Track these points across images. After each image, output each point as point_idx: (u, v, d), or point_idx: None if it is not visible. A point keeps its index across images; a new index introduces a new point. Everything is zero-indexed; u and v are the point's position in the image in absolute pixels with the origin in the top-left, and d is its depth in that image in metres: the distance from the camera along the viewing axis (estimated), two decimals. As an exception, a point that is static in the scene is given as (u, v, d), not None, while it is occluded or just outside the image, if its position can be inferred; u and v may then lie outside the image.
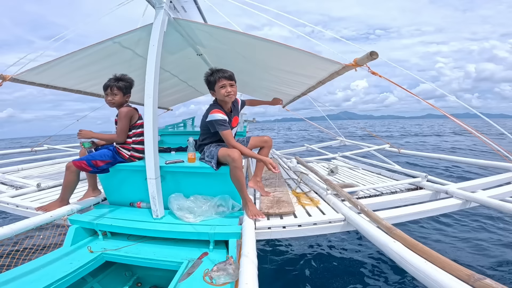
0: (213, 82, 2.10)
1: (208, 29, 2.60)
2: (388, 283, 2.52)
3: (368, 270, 2.74)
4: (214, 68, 2.15)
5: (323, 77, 2.72)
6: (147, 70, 2.01)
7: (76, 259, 1.65)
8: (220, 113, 2.08)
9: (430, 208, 1.99)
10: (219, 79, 2.08)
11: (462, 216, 4.00)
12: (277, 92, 4.44)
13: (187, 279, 1.42)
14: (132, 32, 2.45)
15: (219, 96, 2.12)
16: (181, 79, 4.20)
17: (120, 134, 2.22)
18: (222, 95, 2.10)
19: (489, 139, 2.43)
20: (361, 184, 2.81)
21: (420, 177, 2.52)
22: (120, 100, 2.28)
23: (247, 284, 1.04)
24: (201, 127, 2.26)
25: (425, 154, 3.68)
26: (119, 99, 2.28)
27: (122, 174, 2.24)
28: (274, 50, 2.47)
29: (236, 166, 1.89)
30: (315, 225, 1.81)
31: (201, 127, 2.26)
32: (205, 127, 2.19)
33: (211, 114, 2.08)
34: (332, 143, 6.09)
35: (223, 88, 2.09)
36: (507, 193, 2.22)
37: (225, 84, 2.09)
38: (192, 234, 1.77)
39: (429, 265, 1.11)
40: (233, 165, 1.90)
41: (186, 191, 2.11)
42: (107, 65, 2.98)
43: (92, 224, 1.93)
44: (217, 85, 2.09)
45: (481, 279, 0.95)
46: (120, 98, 2.28)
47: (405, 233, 1.39)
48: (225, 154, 1.95)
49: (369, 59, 1.87)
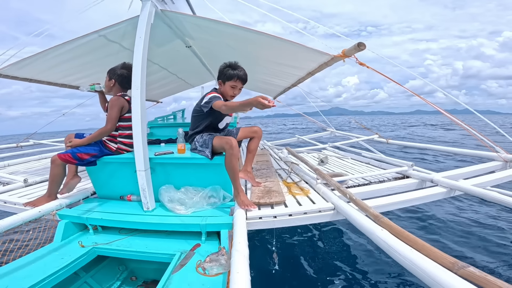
0: (229, 77, 2.12)
1: (196, 21, 2.56)
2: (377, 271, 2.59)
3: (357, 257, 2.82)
4: (235, 64, 2.16)
5: (312, 68, 2.73)
6: (133, 62, 1.98)
7: (68, 254, 1.64)
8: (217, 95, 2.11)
9: (417, 196, 2.03)
10: (236, 79, 2.11)
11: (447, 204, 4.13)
12: (267, 84, 4.43)
13: (180, 270, 1.44)
14: (118, 25, 2.39)
15: (226, 91, 2.16)
16: (170, 72, 4.13)
17: (109, 122, 2.17)
18: (228, 93, 2.15)
19: (476, 131, 2.50)
20: (350, 173, 2.87)
21: (406, 166, 2.59)
22: (106, 83, 2.35)
23: (238, 273, 1.06)
24: (194, 114, 2.25)
25: (412, 144, 3.77)
26: (105, 82, 2.35)
27: (110, 167, 2.23)
28: (264, 42, 2.46)
29: (232, 154, 1.89)
30: (306, 214, 1.84)
31: (194, 113, 2.26)
32: (198, 111, 2.19)
33: (209, 95, 2.10)
34: (323, 134, 6.15)
35: (234, 88, 2.14)
36: (490, 181, 2.29)
37: (237, 86, 2.13)
38: (184, 226, 1.78)
39: (414, 253, 1.12)
40: (230, 152, 1.90)
41: (176, 182, 2.11)
42: (93, 58, 2.91)
43: (82, 218, 1.91)
44: (231, 81, 2.12)
45: (465, 266, 0.97)
46: (106, 82, 2.34)
47: (392, 221, 1.42)
48: (222, 142, 1.96)
49: (357, 50, 1.89)
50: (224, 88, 2.15)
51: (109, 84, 2.31)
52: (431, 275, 0.98)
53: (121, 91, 2.32)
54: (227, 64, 2.16)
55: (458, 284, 0.89)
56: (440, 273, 0.96)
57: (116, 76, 2.29)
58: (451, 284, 0.90)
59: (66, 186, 2.17)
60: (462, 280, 0.91)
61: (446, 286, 0.91)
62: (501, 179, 2.33)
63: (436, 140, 12.75)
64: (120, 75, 2.29)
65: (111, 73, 2.31)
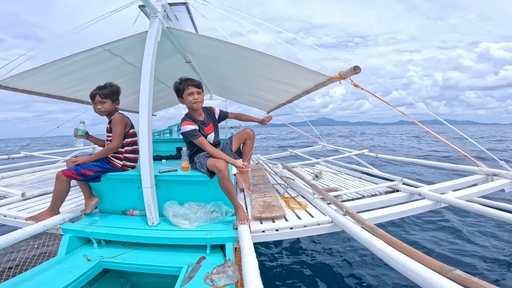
0: (182, 90, 2.23)
1: (200, 38, 2.67)
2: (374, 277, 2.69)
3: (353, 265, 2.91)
4: (183, 77, 2.27)
5: (308, 87, 2.87)
6: (141, 80, 2.05)
7: (75, 267, 1.67)
8: (188, 125, 2.19)
9: (406, 209, 2.17)
10: (187, 87, 2.20)
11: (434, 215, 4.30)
12: (263, 99, 4.57)
13: (189, 283, 1.49)
14: (123, 40, 2.46)
15: (187, 103, 2.24)
16: (167, 86, 4.22)
17: (116, 139, 2.21)
18: (189, 102, 2.21)
19: (455, 145, 2.68)
20: (344, 188, 3.00)
21: (396, 181, 2.74)
22: (110, 107, 2.29)
23: (252, 282, 1.14)
24: (184, 139, 2.34)
25: (400, 158, 3.97)
26: (109, 107, 2.29)
27: (114, 183, 2.27)
28: (262, 60, 2.59)
29: (223, 176, 1.98)
30: (305, 227, 1.93)
31: (184, 139, 2.35)
32: (187, 138, 2.28)
33: (182, 127, 2.22)
34: (315, 148, 6.31)
35: (191, 95, 2.21)
36: (473, 194, 2.47)
37: (193, 92, 2.21)
38: (190, 239, 1.84)
39: (408, 259, 1.26)
40: (220, 175, 1.99)
41: (179, 198, 2.17)
42: (94, 71, 2.96)
43: (86, 232, 1.94)
44: (185, 92, 2.21)
45: (452, 270, 1.11)
46: (109, 106, 2.29)
47: (386, 232, 1.54)
48: (212, 165, 2.04)
49: (353, 73, 2.04)
50: (185, 101, 2.24)
51: (113, 107, 2.32)
52: (424, 278, 1.12)
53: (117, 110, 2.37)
54: (176, 83, 2.28)
55: (447, 285, 1.02)
56: (431, 276, 1.11)
57: (118, 97, 2.35)
58: (441, 285, 1.04)
59: (89, 207, 2.24)
60: (450, 281, 1.05)
61: (435, 287, 1.05)
62: (483, 191, 2.51)
63: (424, 151, 13.24)
64: (118, 95, 2.34)
65: (115, 96, 2.32)
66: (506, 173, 2.67)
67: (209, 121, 2.43)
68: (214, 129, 2.45)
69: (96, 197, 2.27)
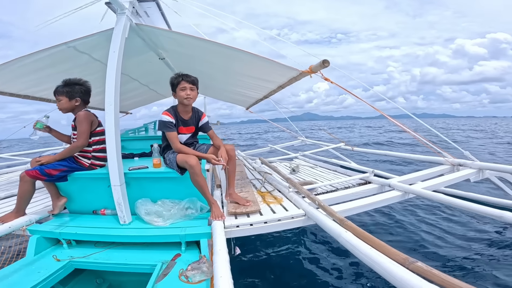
0: (176, 84, 2.21)
1: (171, 34, 2.63)
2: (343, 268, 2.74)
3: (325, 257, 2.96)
4: (181, 73, 2.25)
5: (283, 82, 2.92)
6: (107, 77, 2.00)
7: (44, 268, 1.64)
8: (167, 115, 2.18)
9: (376, 200, 2.26)
10: (181, 82, 2.19)
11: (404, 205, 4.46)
12: (241, 95, 4.57)
13: (163, 280, 1.49)
14: (89, 37, 2.38)
15: (179, 97, 2.22)
16: (141, 83, 4.12)
17: (82, 137, 2.13)
18: (181, 96, 2.20)
19: (421, 136, 2.81)
20: (319, 181, 3.07)
21: (368, 173, 2.84)
22: (66, 105, 2.20)
23: (221, 277, 1.15)
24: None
25: (374, 151, 4.11)
26: (64, 104, 2.20)
27: (83, 182, 2.21)
28: (237, 56, 2.59)
29: (194, 172, 1.97)
30: (280, 221, 1.97)
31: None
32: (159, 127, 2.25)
33: (160, 115, 2.20)
34: (294, 143, 6.40)
35: (184, 90, 2.19)
36: (439, 184, 2.60)
37: (186, 87, 2.19)
38: (164, 237, 1.83)
39: (373, 251, 1.30)
40: (191, 171, 1.98)
41: (153, 196, 2.15)
42: (61, 69, 2.84)
43: (54, 233, 1.90)
44: (179, 86, 2.20)
45: (414, 262, 1.15)
46: (65, 103, 2.20)
47: (354, 224, 1.59)
48: (182, 161, 2.02)
49: (322, 66, 2.10)
50: (178, 96, 2.23)
51: (71, 104, 2.22)
52: (387, 270, 1.16)
53: (84, 107, 2.29)
54: (172, 77, 2.27)
55: (408, 277, 1.05)
56: (394, 268, 1.14)
57: (79, 94, 2.24)
58: (403, 277, 1.07)
59: (57, 208, 2.17)
60: (412, 273, 1.08)
61: (398, 279, 1.09)
62: (448, 181, 2.64)
63: (400, 144, 13.70)
64: (82, 92, 2.25)
65: (71, 93, 2.20)
66: (471, 163, 2.82)
67: (192, 123, 2.37)
68: (192, 133, 2.40)
69: (64, 198, 2.20)
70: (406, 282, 1.05)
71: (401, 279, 1.07)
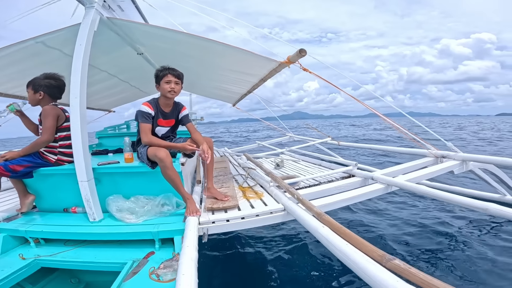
0: (161, 77, 2.15)
1: (146, 28, 2.54)
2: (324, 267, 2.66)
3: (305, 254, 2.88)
4: (167, 66, 2.19)
5: (264, 74, 2.87)
6: (72, 70, 1.91)
7: (8, 266, 1.57)
8: (147, 106, 2.12)
9: (359, 193, 2.21)
10: (166, 75, 2.13)
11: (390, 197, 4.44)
12: (225, 91, 4.50)
13: (131, 278, 1.41)
14: (57, 32, 2.29)
15: (162, 90, 2.15)
16: (121, 79, 3.99)
17: (46, 132, 2.04)
18: (165, 89, 2.13)
19: (405, 129, 2.80)
20: (303, 175, 3.01)
21: (351, 166, 2.80)
22: (32, 97, 2.16)
23: (184, 275, 1.07)
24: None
25: (359, 145, 4.09)
26: (31, 97, 2.16)
27: (51, 179, 2.12)
28: (217, 50, 2.52)
29: (164, 166, 1.88)
30: (258, 216, 1.90)
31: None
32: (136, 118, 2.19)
33: (140, 105, 2.14)
34: (283, 139, 6.36)
35: (168, 83, 2.13)
36: (422, 176, 2.57)
37: (171, 80, 2.13)
38: (135, 234, 1.75)
39: (349, 247, 1.21)
40: (161, 165, 1.90)
41: (126, 192, 2.05)
42: (31, 65, 2.73)
43: (20, 231, 1.81)
44: (164, 79, 2.13)
45: (392, 259, 1.07)
46: (31, 96, 2.15)
47: (332, 218, 1.52)
48: (152, 154, 1.95)
49: (299, 56, 2.05)
50: (161, 88, 2.17)
51: (36, 97, 2.15)
52: (362, 268, 1.07)
53: (51, 102, 2.19)
54: (157, 70, 2.21)
55: (384, 277, 0.97)
56: (369, 266, 1.05)
57: (43, 87, 2.14)
58: (378, 276, 0.99)
59: (24, 205, 2.09)
60: (389, 272, 0.99)
61: (373, 278, 1.00)
62: (432, 173, 2.62)
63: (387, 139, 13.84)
64: (47, 86, 2.15)
65: (35, 86, 2.14)
66: (454, 154, 2.81)
67: (172, 116, 2.31)
68: (171, 126, 2.33)
69: (31, 195, 2.10)
70: (380, 282, 0.96)
71: (376, 278, 0.99)
